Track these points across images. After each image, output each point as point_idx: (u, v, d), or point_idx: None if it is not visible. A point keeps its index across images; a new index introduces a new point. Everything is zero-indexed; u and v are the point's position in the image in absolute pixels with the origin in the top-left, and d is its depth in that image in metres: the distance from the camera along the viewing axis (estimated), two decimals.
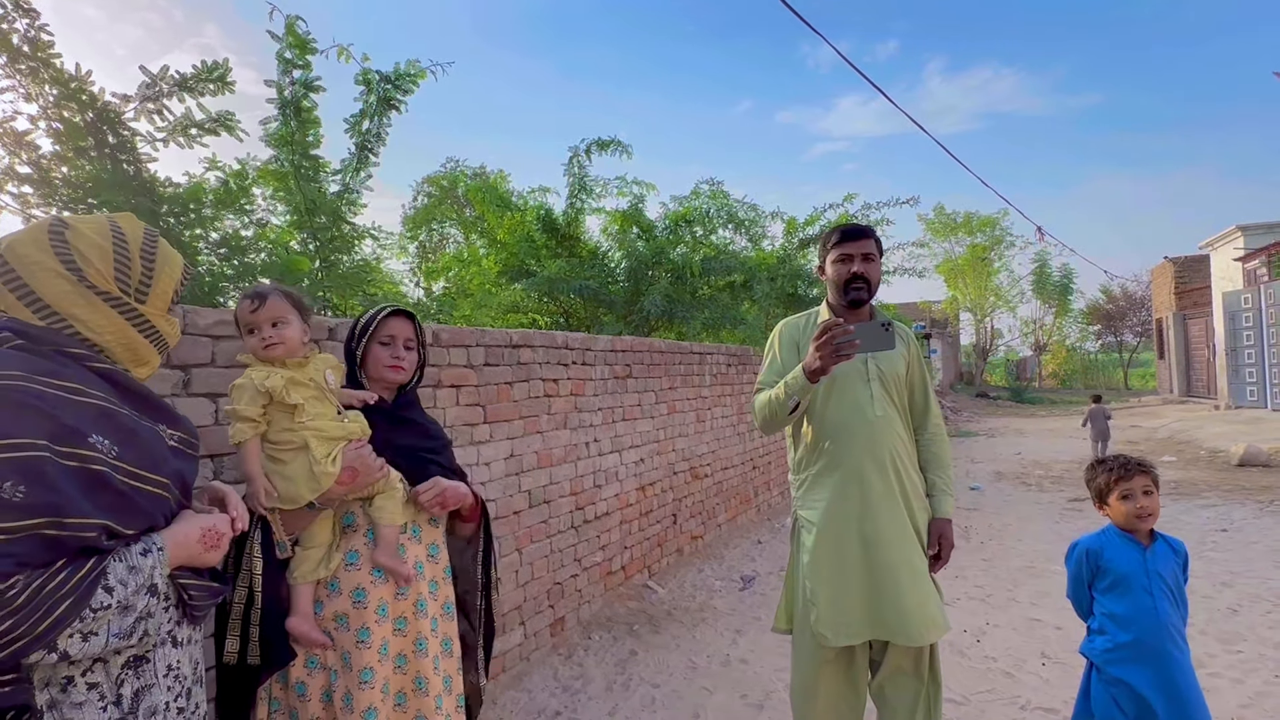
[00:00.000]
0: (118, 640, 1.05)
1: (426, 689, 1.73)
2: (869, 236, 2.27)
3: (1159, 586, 2.11)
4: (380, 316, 1.86)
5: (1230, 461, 9.14)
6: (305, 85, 3.67)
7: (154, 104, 3.44)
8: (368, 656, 1.65)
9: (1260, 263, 14.99)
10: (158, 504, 1.14)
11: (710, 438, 5.97)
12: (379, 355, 1.85)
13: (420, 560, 1.79)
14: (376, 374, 1.86)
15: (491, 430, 3.43)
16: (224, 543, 1.23)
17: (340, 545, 1.71)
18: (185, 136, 3.53)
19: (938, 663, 2.30)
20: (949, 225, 28.98)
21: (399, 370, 1.87)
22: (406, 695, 1.72)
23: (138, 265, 1.22)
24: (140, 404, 1.20)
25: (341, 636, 1.66)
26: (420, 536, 1.82)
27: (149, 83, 3.45)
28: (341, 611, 1.67)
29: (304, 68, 3.65)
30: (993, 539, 5.88)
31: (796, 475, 2.38)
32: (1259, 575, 4.62)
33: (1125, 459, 2.20)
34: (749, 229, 8.67)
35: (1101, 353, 37.66)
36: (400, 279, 8.44)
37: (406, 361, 1.88)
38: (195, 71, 3.48)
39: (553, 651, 3.74)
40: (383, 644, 1.69)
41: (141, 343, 1.22)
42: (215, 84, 3.51)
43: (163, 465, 1.16)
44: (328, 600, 1.68)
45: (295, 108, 3.68)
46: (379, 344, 1.85)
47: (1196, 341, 20.12)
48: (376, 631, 1.68)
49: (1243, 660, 3.38)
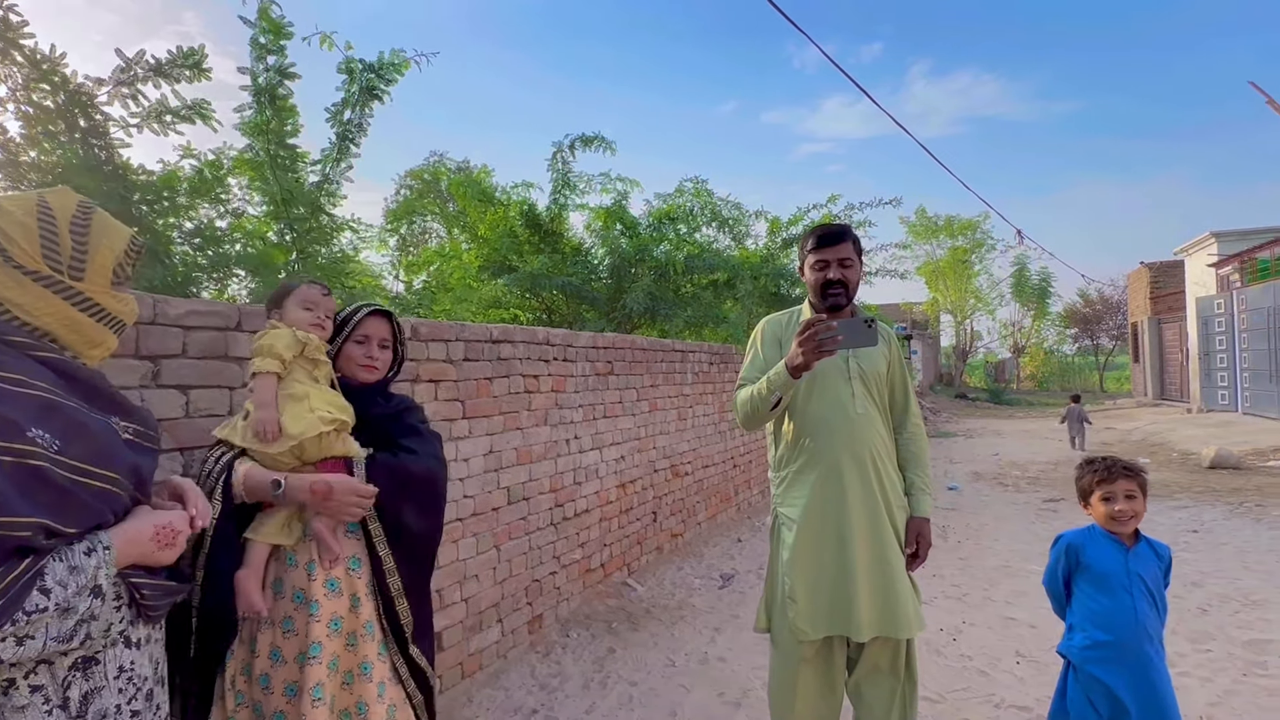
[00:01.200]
0: (57, 644, 1.00)
1: (371, 674, 1.68)
2: (846, 240, 2.24)
3: (1139, 588, 2.13)
4: (359, 315, 1.85)
5: (1202, 464, 9.29)
6: (280, 72, 3.61)
7: (128, 89, 3.37)
8: (318, 630, 1.62)
9: (1233, 269, 15.26)
10: (107, 500, 1.10)
11: (691, 436, 5.97)
12: (353, 354, 1.84)
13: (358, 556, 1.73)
14: (349, 371, 1.84)
15: (470, 426, 3.39)
16: (180, 540, 1.19)
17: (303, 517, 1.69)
18: (159, 123, 3.46)
19: (914, 661, 2.31)
20: (930, 228, 29.26)
21: (371, 370, 1.86)
22: (354, 676, 1.68)
23: (67, 240, 1.16)
24: (90, 395, 1.16)
25: (303, 612, 1.63)
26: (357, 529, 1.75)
27: (123, 67, 3.38)
28: (298, 587, 1.65)
29: (279, 54, 3.59)
30: (970, 539, 5.93)
31: (777, 473, 2.37)
32: (1228, 576, 4.70)
33: (1113, 461, 2.20)
34: (733, 228, 8.68)
35: (1078, 356, 38.24)
36: (380, 272, 8.36)
37: (380, 361, 1.87)
38: (171, 57, 3.40)
39: (530, 649, 3.71)
40: (333, 618, 1.65)
41: (87, 323, 1.17)
42: (191, 70, 3.44)
43: (114, 459, 1.12)
44: (286, 576, 1.66)
45: (270, 95, 3.62)
46: (354, 343, 1.84)
47: (1171, 345, 20.46)
48: (326, 605, 1.65)
49: (1212, 659, 3.43)
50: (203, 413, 2.19)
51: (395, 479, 1.76)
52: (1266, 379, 13.15)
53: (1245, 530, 5.91)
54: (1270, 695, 3.05)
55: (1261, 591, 4.35)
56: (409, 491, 1.79)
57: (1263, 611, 4.03)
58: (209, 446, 1.76)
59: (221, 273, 3.53)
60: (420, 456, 1.83)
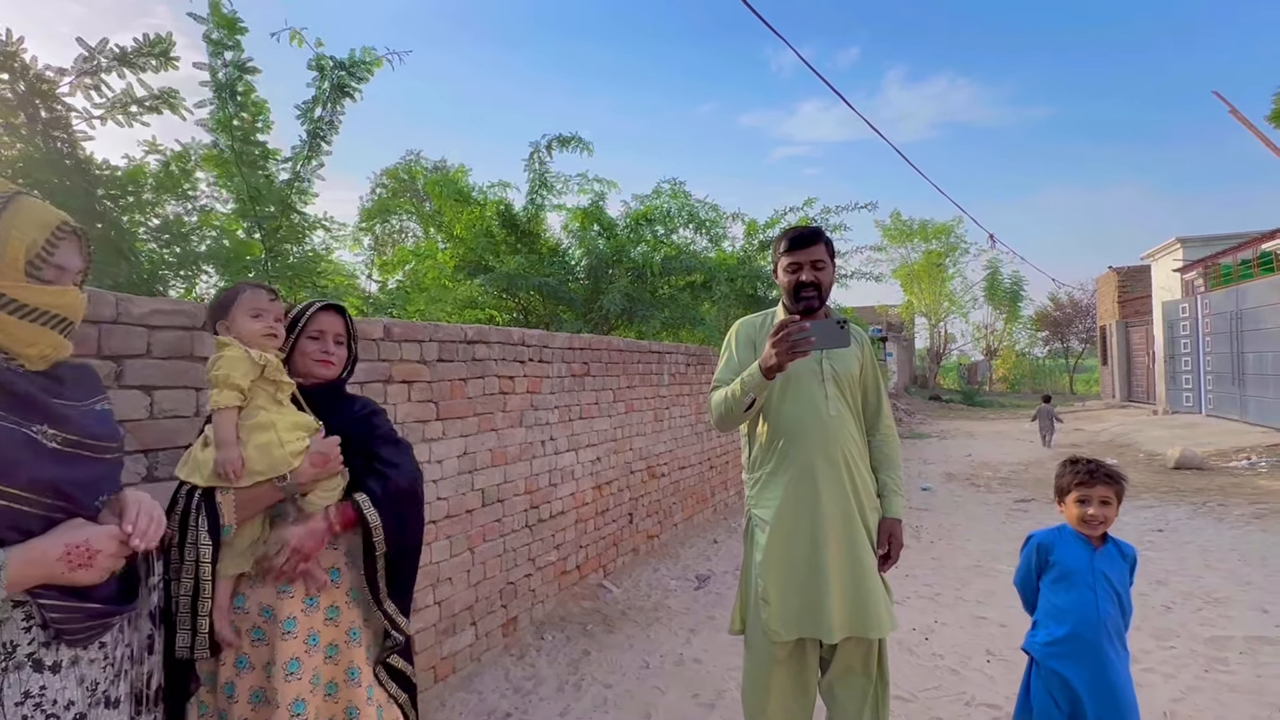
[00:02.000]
0: None
1: (359, 679, 1.68)
2: (818, 242, 2.25)
3: (1103, 586, 2.16)
4: (311, 311, 1.81)
5: (1167, 464, 9.49)
6: (239, 67, 3.54)
7: (91, 79, 3.28)
8: (293, 647, 1.59)
9: (1198, 274, 15.63)
10: (7, 516, 1.04)
11: (668, 437, 5.97)
12: (308, 349, 1.80)
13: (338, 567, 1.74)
14: (305, 368, 1.80)
15: (444, 428, 3.36)
16: (99, 560, 1.12)
17: (269, 541, 1.65)
18: (125, 114, 3.37)
19: (886, 661, 2.32)
20: (905, 231, 29.60)
21: (329, 365, 1.82)
22: (338, 685, 1.67)
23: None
24: (11, 403, 1.08)
25: (271, 627, 1.60)
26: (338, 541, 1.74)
27: (86, 56, 3.29)
28: (266, 604, 1.62)
29: (234, 48, 3.52)
30: (942, 538, 6.00)
31: (751, 474, 2.38)
32: (1191, 574, 4.80)
33: (1097, 466, 2.23)
34: (710, 229, 8.69)
35: (1049, 358, 38.91)
36: (354, 271, 8.26)
37: (336, 357, 1.84)
38: (137, 45, 3.32)
39: (504, 652, 3.69)
40: (310, 634, 1.63)
41: (6, 320, 1.11)
42: (158, 59, 3.35)
43: (14, 472, 1.05)
44: (251, 592, 1.63)
45: (231, 91, 3.55)
46: (308, 338, 1.80)
47: (1138, 349, 20.90)
48: (303, 621, 1.62)
49: (1175, 656, 3.50)
50: (168, 414, 2.14)
51: (391, 499, 1.77)
52: (1228, 382, 13.48)
53: (1208, 529, 6.05)
54: (1231, 691, 3.12)
55: (1223, 589, 4.45)
56: (402, 507, 1.80)
57: (1224, 609, 4.12)
58: (176, 485, 1.66)
59: (189, 270, 3.45)
60: (403, 469, 1.83)
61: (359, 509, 1.71)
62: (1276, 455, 9.45)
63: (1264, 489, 7.65)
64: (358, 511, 1.71)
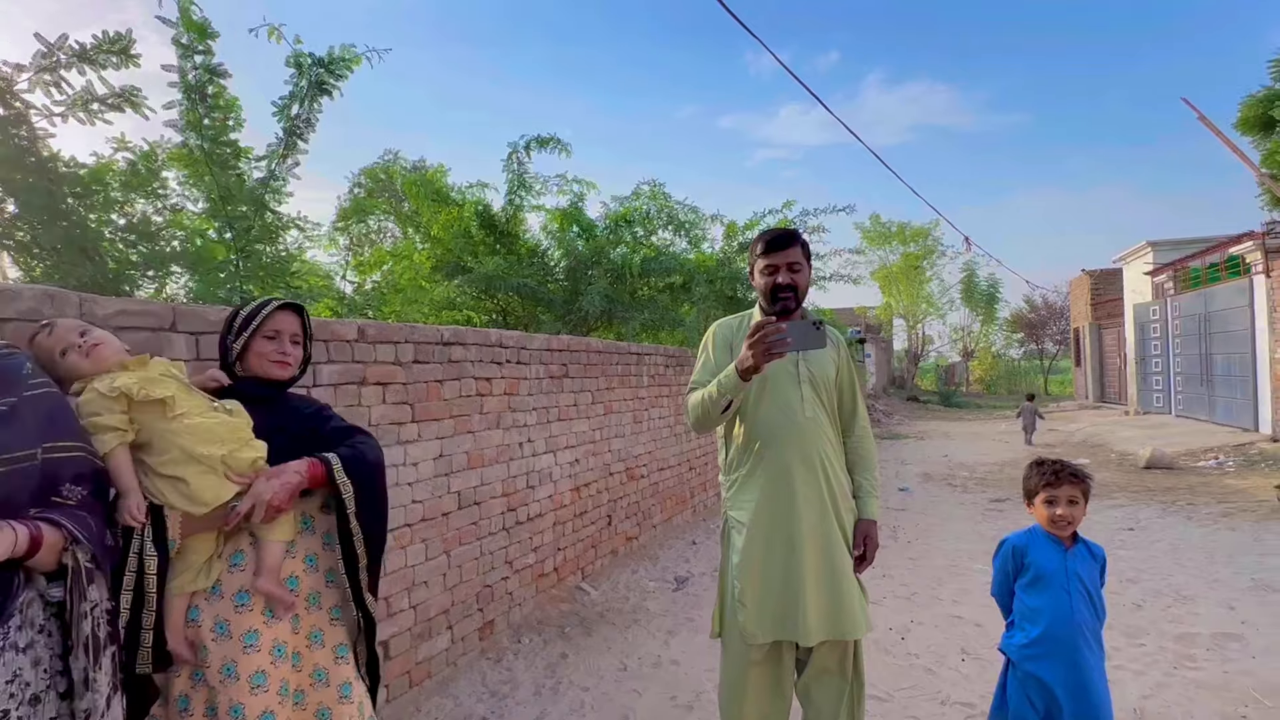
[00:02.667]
0: None
1: (328, 679, 1.65)
2: (794, 244, 2.26)
3: (1076, 587, 2.18)
4: (267, 310, 1.74)
5: (1138, 464, 9.66)
6: (209, 70, 3.48)
7: (51, 75, 3.20)
8: (258, 660, 1.55)
9: (1167, 277, 15.92)
10: None
11: (647, 438, 5.97)
12: (263, 350, 1.73)
13: (296, 574, 1.68)
14: (259, 369, 1.73)
15: (420, 430, 3.33)
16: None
17: (224, 553, 1.61)
18: (86, 112, 3.30)
19: (861, 662, 2.33)
20: (884, 234, 29.85)
21: (285, 366, 1.76)
22: (305, 692, 1.64)
23: None
24: None
25: (223, 644, 1.55)
26: (295, 548, 1.69)
27: (45, 52, 3.21)
28: (222, 617, 1.57)
29: (205, 53, 3.46)
30: (919, 538, 6.05)
31: (727, 476, 2.38)
32: (1161, 572, 4.88)
33: (1061, 466, 2.25)
34: (689, 231, 8.71)
35: (1024, 360, 39.42)
36: (330, 272, 8.18)
37: (293, 357, 1.78)
38: (96, 42, 3.24)
39: (481, 656, 3.66)
40: (275, 645, 1.59)
41: None
42: (119, 57, 3.28)
43: None
44: (206, 605, 1.57)
45: (200, 93, 3.49)
46: (264, 338, 1.73)
47: (1110, 350, 21.26)
48: (266, 633, 1.58)
49: (1145, 653, 3.56)
50: None
51: (359, 467, 1.71)
52: (1197, 383, 13.75)
53: (1177, 528, 6.16)
54: (1198, 687, 3.18)
55: (1191, 587, 4.53)
56: (372, 479, 1.75)
57: (1192, 606, 4.19)
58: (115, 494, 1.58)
59: (159, 271, 3.38)
60: (371, 444, 1.79)
61: (329, 468, 1.65)
62: (1243, 455, 9.65)
63: (1231, 488, 7.81)
64: (327, 470, 1.65)
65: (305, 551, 1.71)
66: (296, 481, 1.60)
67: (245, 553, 1.62)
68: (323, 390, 2.80)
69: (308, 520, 1.73)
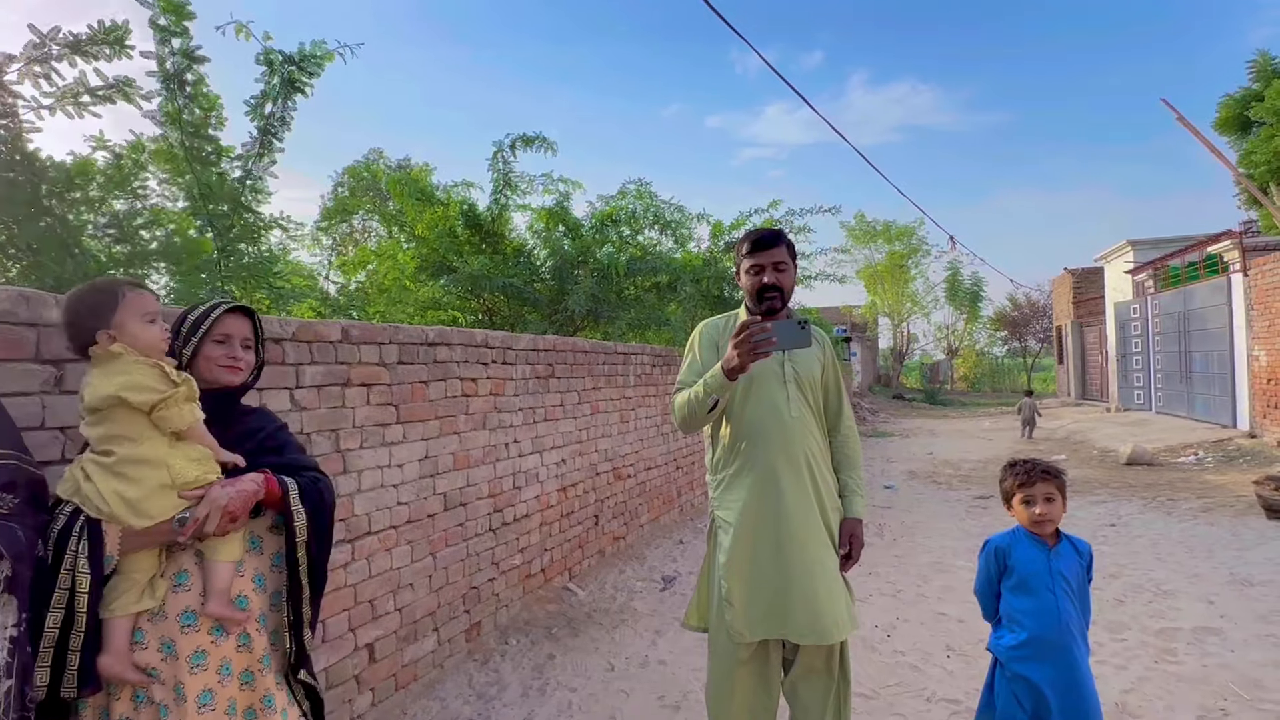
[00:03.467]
0: None
1: (275, 704, 1.61)
2: (780, 244, 2.27)
3: (1061, 586, 2.20)
4: (217, 313, 1.69)
5: (1119, 460, 9.78)
6: (187, 55, 3.42)
7: (42, 66, 3.14)
8: (205, 678, 1.51)
9: (1148, 275, 16.13)
10: None
11: (634, 438, 5.97)
12: (213, 355, 1.67)
13: (245, 594, 1.62)
14: (209, 375, 1.67)
15: (405, 431, 3.31)
16: None
17: (166, 572, 1.55)
18: (76, 105, 3.24)
19: (848, 660, 2.34)
20: (869, 233, 30.06)
21: (235, 371, 1.70)
22: (256, 712, 1.59)
23: None
24: None
25: (171, 665, 1.50)
26: (243, 567, 1.63)
27: (37, 43, 3.15)
28: (168, 638, 1.51)
29: (182, 35, 3.40)
30: (904, 536, 6.09)
31: (714, 475, 2.38)
32: (1143, 567, 4.94)
33: (1032, 464, 2.27)
34: (675, 230, 8.71)
35: (1007, 357, 39.80)
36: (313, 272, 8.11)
37: (244, 362, 1.73)
38: (92, 32, 3.19)
39: (468, 658, 3.64)
40: (222, 663, 1.54)
41: None
42: (112, 47, 3.23)
43: None
44: (150, 627, 1.51)
45: (179, 81, 3.44)
46: (213, 342, 1.68)
47: (1091, 348, 21.50)
48: (214, 652, 1.53)
49: (1127, 648, 3.60)
50: None
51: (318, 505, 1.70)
52: (1177, 380, 13.93)
53: (1158, 523, 6.24)
54: (1179, 681, 3.22)
55: (1172, 582, 4.59)
56: (326, 519, 1.73)
57: (1173, 601, 4.25)
58: (55, 501, 1.50)
59: (139, 269, 3.33)
60: (327, 485, 1.76)
61: (285, 490, 1.62)
62: (1221, 451, 9.79)
63: (1210, 483, 7.92)
64: (283, 491, 1.62)
65: (253, 571, 1.66)
66: (253, 490, 1.56)
67: (190, 572, 1.56)
68: (306, 392, 2.78)
69: (256, 540, 1.68)
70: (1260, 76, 13.74)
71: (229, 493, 1.52)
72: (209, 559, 1.55)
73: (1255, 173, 13.30)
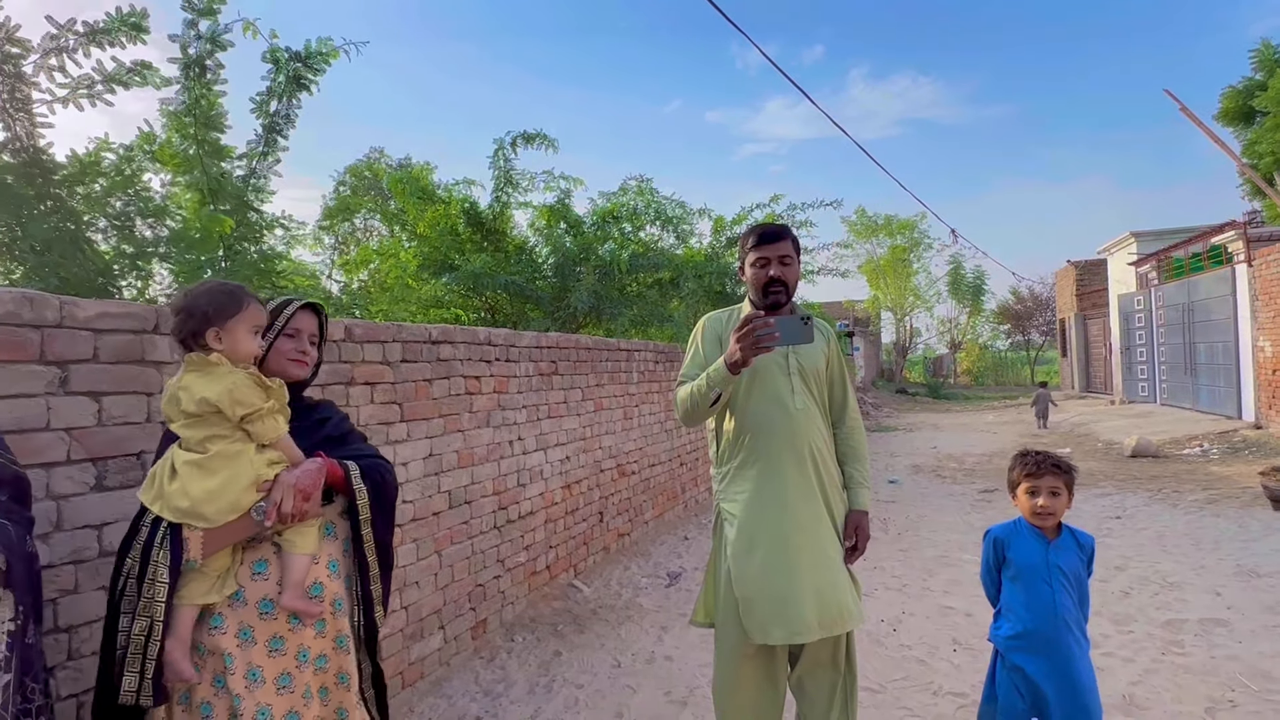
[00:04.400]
0: None
1: (349, 685, 1.67)
2: (785, 238, 2.28)
3: (1058, 580, 2.20)
4: (292, 309, 1.76)
5: (1124, 453, 9.75)
6: (212, 40, 3.42)
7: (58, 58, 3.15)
8: (284, 663, 1.56)
9: (1151, 267, 16.07)
10: None
11: (638, 435, 5.96)
12: (283, 349, 1.74)
13: (321, 580, 1.68)
14: (277, 367, 1.74)
15: (409, 429, 3.31)
16: None
17: (245, 560, 1.60)
18: (90, 95, 3.25)
19: (854, 653, 2.34)
20: (871, 227, 29.99)
21: (303, 365, 1.77)
22: (329, 690, 1.65)
23: None
24: None
25: (247, 650, 1.55)
26: (318, 555, 1.68)
27: (54, 34, 3.15)
28: (246, 624, 1.56)
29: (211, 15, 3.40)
30: (909, 530, 6.09)
31: (718, 469, 2.38)
32: (1148, 560, 4.93)
33: (1044, 457, 2.27)
34: (677, 226, 8.70)
35: (1010, 351, 39.72)
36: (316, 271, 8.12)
37: (310, 357, 1.79)
38: (109, 19, 3.20)
39: (474, 655, 3.65)
40: (300, 650, 1.60)
41: None
42: (129, 31, 3.24)
43: None
44: (230, 612, 1.56)
45: (200, 67, 3.44)
46: (285, 336, 1.75)
47: (1095, 340, 21.45)
48: (291, 639, 1.59)
49: (1133, 640, 3.59)
50: (117, 420, 2.07)
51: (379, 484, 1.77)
52: (1181, 371, 13.89)
53: (1163, 515, 6.23)
54: (1186, 673, 3.21)
55: (1178, 574, 4.58)
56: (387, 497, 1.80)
57: (1179, 593, 4.24)
58: (140, 510, 1.56)
59: (143, 267, 3.33)
60: (389, 469, 1.83)
61: (347, 471, 1.69)
62: (1227, 443, 9.77)
63: (1215, 475, 7.90)
64: (345, 475, 1.69)
65: (328, 558, 1.72)
66: (316, 468, 1.61)
67: (269, 561, 1.61)
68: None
69: (330, 527, 1.74)
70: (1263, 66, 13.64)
71: (296, 473, 1.57)
72: (286, 551, 1.59)
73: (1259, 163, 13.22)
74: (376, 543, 1.76)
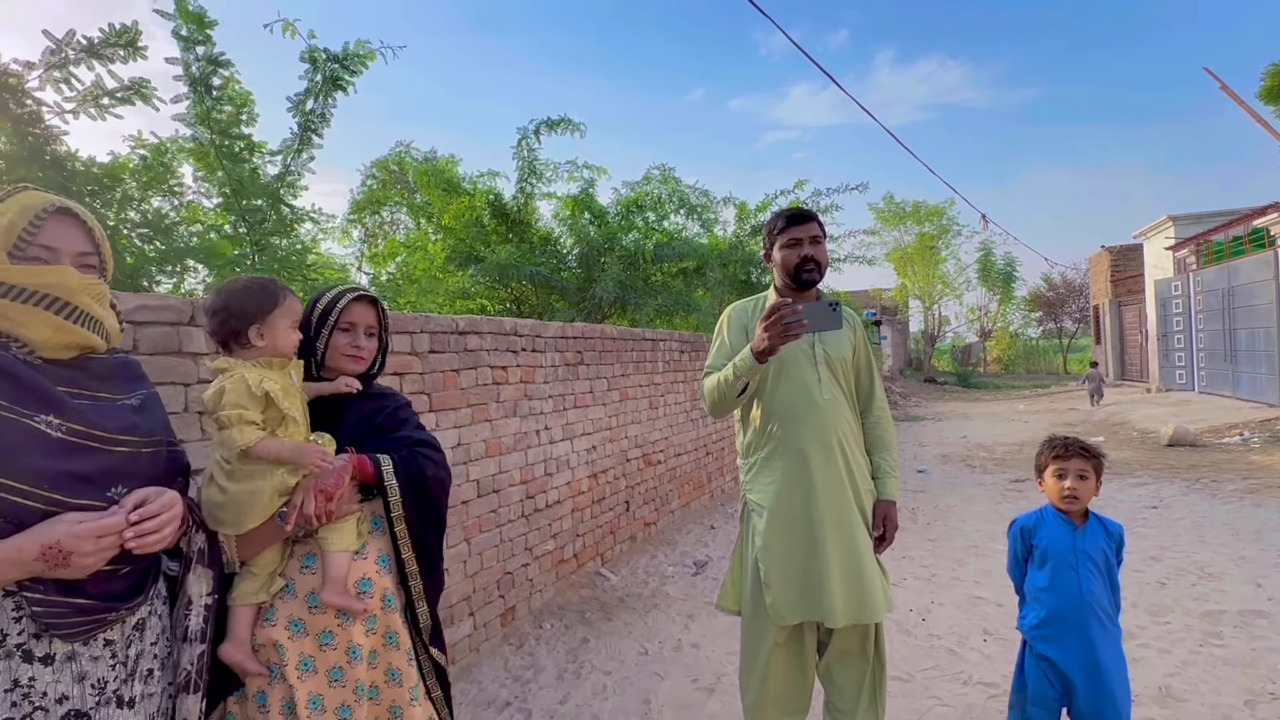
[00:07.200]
0: None
1: (400, 680, 1.63)
2: (813, 219, 2.28)
3: (1085, 565, 2.16)
4: (344, 302, 1.69)
5: (1160, 442, 9.54)
6: (212, 61, 3.49)
7: (60, 71, 3.21)
8: (334, 657, 1.55)
9: (1189, 251, 15.66)
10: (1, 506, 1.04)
11: (663, 424, 5.97)
12: (338, 344, 1.69)
13: (369, 576, 1.64)
14: (334, 363, 1.70)
15: (438, 419, 3.35)
16: (74, 560, 1.08)
17: (295, 554, 1.59)
18: (97, 107, 3.32)
19: (883, 642, 2.33)
20: (898, 214, 29.56)
21: (358, 360, 1.71)
22: (380, 688, 1.62)
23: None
24: (14, 391, 1.08)
25: (299, 642, 1.55)
26: (365, 550, 1.65)
27: (53, 49, 3.22)
28: (297, 616, 1.55)
29: (205, 43, 3.47)
30: (938, 520, 6.03)
31: (745, 459, 2.37)
32: (1185, 550, 4.83)
33: (1073, 440, 2.23)
34: (701, 215, 8.67)
35: (1042, 338, 39.03)
36: (344, 264, 8.23)
37: (366, 350, 1.73)
38: (104, 35, 3.25)
39: (503, 641, 3.69)
40: (350, 647, 1.57)
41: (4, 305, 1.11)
42: (125, 49, 3.29)
43: (12, 462, 1.05)
44: (280, 604, 1.56)
45: (205, 85, 3.51)
46: (339, 330, 1.69)
47: (1130, 327, 20.97)
48: (340, 634, 1.57)
49: (1170, 631, 3.53)
50: None
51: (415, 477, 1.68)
52: (1221, 358, 13.54)
53: (1202, 505, 6.09)
54: (1225, 664, 3.15)
55: (1217, 564, 4.48)
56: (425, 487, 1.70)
57: (1218, 584, 4.15)
58: None
59: (174, 266, 3.40)
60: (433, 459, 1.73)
61: (377, 465, 1.62)
62: (1269, 431, 9.51)
63: (1257, 464, 7.70)
64: (376, 469, 1.62)
65: (376, 553, 1.67)
66: (340, 466, 1.55)
67: (318, 555, 1.59)
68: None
69: (378, 521, 1.69)
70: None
71: (318, 474, 1.54)
72: (323, 549, 1.57)
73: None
74: (412, 539, 1.68)
